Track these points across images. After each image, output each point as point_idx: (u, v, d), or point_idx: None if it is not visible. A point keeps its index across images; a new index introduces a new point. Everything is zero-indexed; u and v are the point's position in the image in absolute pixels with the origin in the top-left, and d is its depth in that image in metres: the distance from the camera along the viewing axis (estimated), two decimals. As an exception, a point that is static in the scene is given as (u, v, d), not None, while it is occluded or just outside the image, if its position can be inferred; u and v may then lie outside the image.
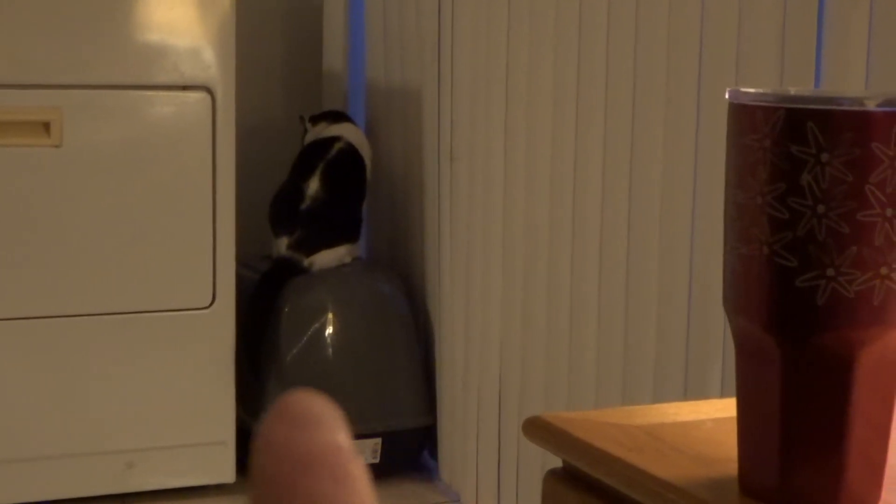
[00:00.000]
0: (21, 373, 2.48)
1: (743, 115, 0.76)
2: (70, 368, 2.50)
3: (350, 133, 2.87)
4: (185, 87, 2.53)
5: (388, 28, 2.91)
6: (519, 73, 2.32)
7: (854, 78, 1.55)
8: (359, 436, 2.71)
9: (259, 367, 2.69)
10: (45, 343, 2.49)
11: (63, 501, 2.53)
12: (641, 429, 0.91)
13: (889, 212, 0.73)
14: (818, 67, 1.63)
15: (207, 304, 2.58)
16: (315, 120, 2.91)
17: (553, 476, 0.94)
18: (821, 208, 0.73)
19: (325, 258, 2.77)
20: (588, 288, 2.15)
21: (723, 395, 1.79)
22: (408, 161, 2.87)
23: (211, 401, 2.61)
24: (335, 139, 2.83)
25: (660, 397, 1.94)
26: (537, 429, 0.94)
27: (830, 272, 0.73)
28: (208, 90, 2.54)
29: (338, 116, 2.93)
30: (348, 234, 2.83)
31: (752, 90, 0.76)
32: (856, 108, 0.73)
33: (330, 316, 2.72)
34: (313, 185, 2.77)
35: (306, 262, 2.75)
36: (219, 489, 2.65)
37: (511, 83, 2.35)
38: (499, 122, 2.39)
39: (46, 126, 2.44)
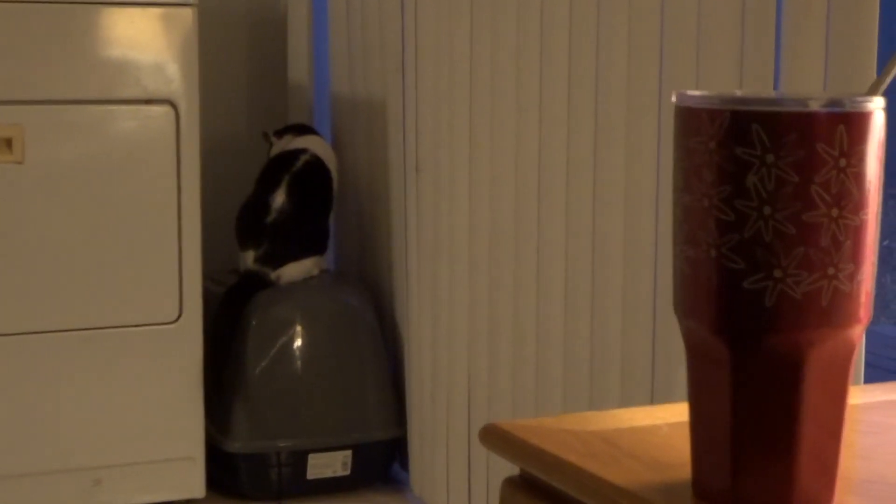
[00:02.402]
0: (-14, 391, 2.46)
1: (689, 118, 0.76)
2: (36, 385, 2.48)
3: (316, 145, 2.86)
4: (148, 102, 2.52)
5: (352, 41, 2.90)
6: (482, 85, 2.32)
7: (812, 80, 1.55)
8: (329, 448, 2.70)
9: (227, 382, 2.68)
10: (11, 360, 2.47)
11: (31, 520, 2.52)
12: (597, 435, 0.91)
13: (835, 212, 0.73)
14: (777, 70, 1.63)
15: (174, 319, 2.57)
16: (280, 133, 2.90)
17: (510, 483, 0.93)
18: (767, 210, 0.73)
19: (293, 271, 2.76)
20: (554, 296, 2.15)
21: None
22: (374, 173, 2.87)
23: (179, 416, 2.59)
24: (301, 151, 2.82)
25: (627, 403, 1.94)
26: (493, 436, 0.93)
27: (778, 273, 0.73)
28: (172, 104, 2.53)
29: (303, 129, 2.92)
30: (315, 246, 2.82)
31: (697, 93, 0.76)
32: (800, 109, 0.73)
33: (298, 329, 2.71)
34: (279, 198, 2.76)
35: (273, 275, 2.75)
36: (189, 504, 2.65)
37: (474, 94, 2.35)
38: (463, 133, 2.39)
39: (8, 142, 2.43)
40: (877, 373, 1.59)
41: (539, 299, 2.19)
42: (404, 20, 2.61)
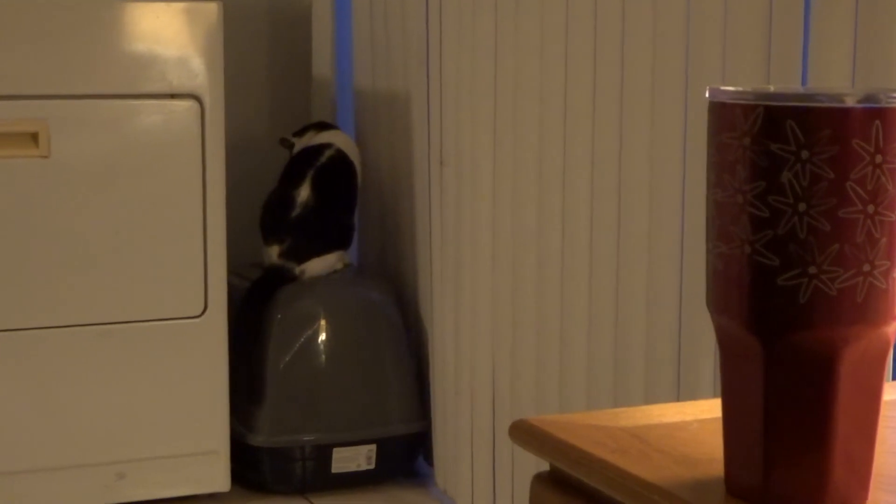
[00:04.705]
0: (11, 384, 2.47)
1: (722, 113, 0.76)
2: (61, 379, 2.49)
3: (340, 140, 2.86)
4: (173, 96, 2.52)
5: (376, 34, 2.90)
6: (506, 77, 2.32)
7: (840, 75, 1.54)
8: (353, 442, 2.70)
9: (251, 376, 2.68)
10: (36, 354, 2.48)
11: (56, 513, 2.53)
12: (626, 430, 0.91)
13: (870, 208, 0.73)
14: (805, 68, 1.62)
15: (199, 313, 2.57)
16: (300, 133, 2.90)
17: (539, 479, 0.93)
18: (802, 206, 0.72)
19: (317, 266, 2.76)
20: (578, 290, 2.14)
21: (715, 396, 1.78)
22: (397, 167, 2.86)
23: (203, 410, 2.60)
24: (326, 146, 2.82)
25: (652, 400, 1.93)
26: (522, 432, 0.93)
27: (812, 270, 0.73)
28: (197, 98, 2.53)
29: (322, 126, 2.92)
30: (339, 241, 2.82)
31: (731, 88, 0.76)
32: (835, 104, 0.72)
33: (322, 323, 2.71)
34: (304, 193, 2.76)
35: (297, 269, 2.75)
36: (213, 498, 2.65)
37: (498, 87, 2.35)
38: (487, 126, 2.39)
39: (34, 137, 2.43)
40: None
41: (563, 293, 2.19)
42: (428, 13, 2.61)
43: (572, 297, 2.16)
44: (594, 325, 2.10)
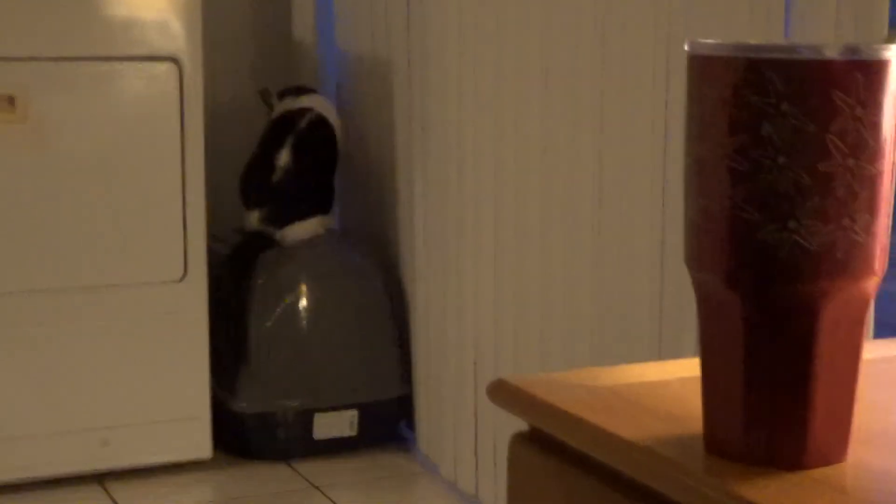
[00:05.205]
0: (-8, 351, 2.46)
1: (702, 67, 0.74)
2: (40, 344, 2.48)
3: (319, 104, 2.84)
4: (152, 58, 2.50)
5: (358, -3, 2.88)
6: (489, 42, 2.30)
7: (823, 36, 1.54)
8: (336, 408, 2.70)
9: (233, 341, 2.67)
10: (15, 319, 2.46)
11: (38, 481, 2.51)
12: (607, 389, 0.90)
13: (850, 162, 0.72)
14: (787, 25, 1.62)
15: (179, 277, 2.56)
16: (281, 96, 2.88)
17: (519, 439, 0.93)
18: (781, 159, 0.71)
19: (298, 231, 2.75)
20: (558, 254, 2.14)
21: (696, 356, 1.78)
22: (380, 132, 2.85)
23: (184, 375, 2.59)
24: (306, 110, 2.80)
25: (633, 360, 1.93)
26: (502, 392, 0.92)
27: (792, 224, 0.72)
28: (175, 61, 2.51)
29: (300, 90, 2.90)
30: (320, 205, 2.81)
31: (710, 41, 0.74)
32: (816, 56, 0.71)
33: (303, 288, 2.70)
34: (284, 158, 2.75)
35: (278, 235, 2.74)
36: (196, 465, 2.64)
37: (481, 52, 2.33)
38: (470, 90, 2.37)
39: (11, 101, 2.41)
40: (884, 330, 1.58)
41: (543, 259, 2.18)
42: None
43: (552, 261, 2.16)
44: (575, 288, 2.10)
